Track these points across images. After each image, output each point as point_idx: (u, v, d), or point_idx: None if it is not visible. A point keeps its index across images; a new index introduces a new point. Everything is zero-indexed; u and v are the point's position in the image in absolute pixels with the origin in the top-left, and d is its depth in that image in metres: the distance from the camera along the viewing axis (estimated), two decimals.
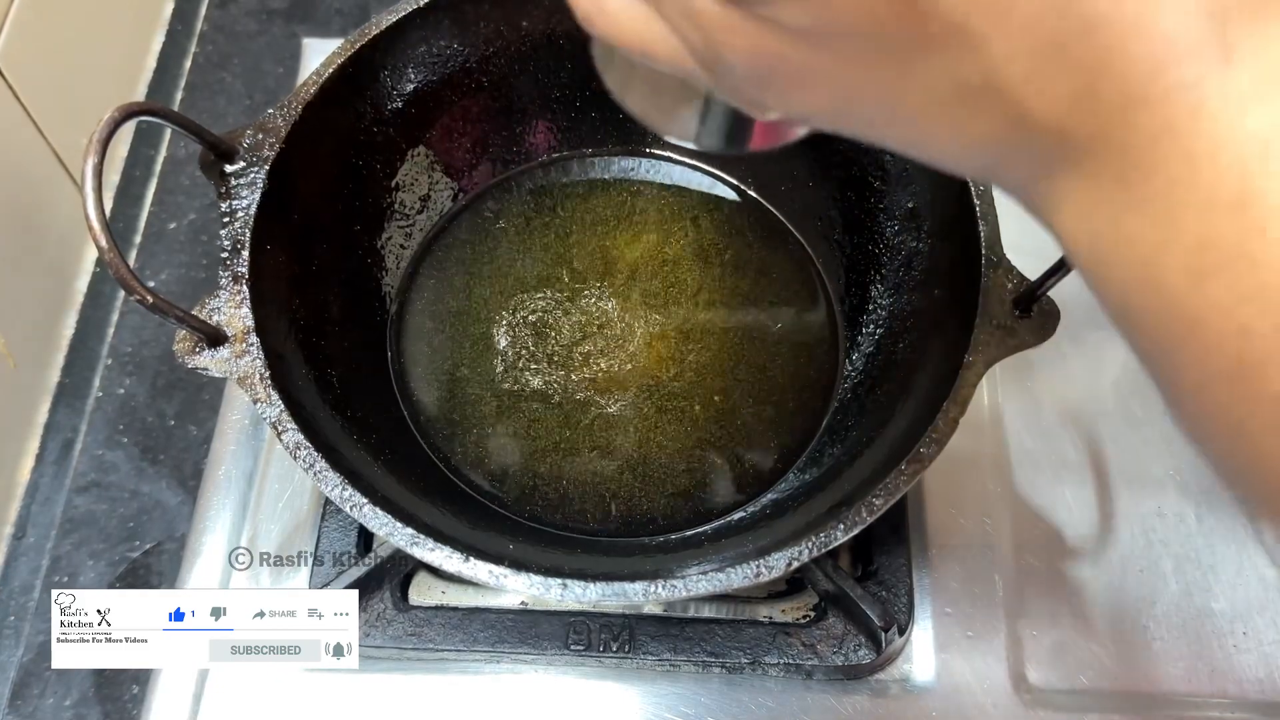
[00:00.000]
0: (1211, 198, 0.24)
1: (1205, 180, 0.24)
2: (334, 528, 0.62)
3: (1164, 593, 0.62)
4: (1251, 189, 0.24)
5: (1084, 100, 0.25)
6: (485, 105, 0.68)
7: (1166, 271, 0.25)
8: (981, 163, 0.29)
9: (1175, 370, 0.27)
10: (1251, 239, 0.24)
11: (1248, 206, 0.24)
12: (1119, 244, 0.26)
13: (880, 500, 0.48)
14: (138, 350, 0.74)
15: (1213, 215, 0.24)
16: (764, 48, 0.27)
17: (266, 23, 0.88)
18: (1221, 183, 0.24)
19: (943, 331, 0.55)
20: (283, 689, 0.60)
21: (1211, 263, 0.24)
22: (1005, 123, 0.26)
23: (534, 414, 0.64)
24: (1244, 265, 0.24)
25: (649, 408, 0.64)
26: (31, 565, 0.67)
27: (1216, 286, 0.24)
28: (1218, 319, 0.25)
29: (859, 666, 0.59)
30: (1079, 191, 0.27)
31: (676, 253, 0.69)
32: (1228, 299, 0.24)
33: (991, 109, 0.26)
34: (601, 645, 0.59)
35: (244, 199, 0.54)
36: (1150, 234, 0.25)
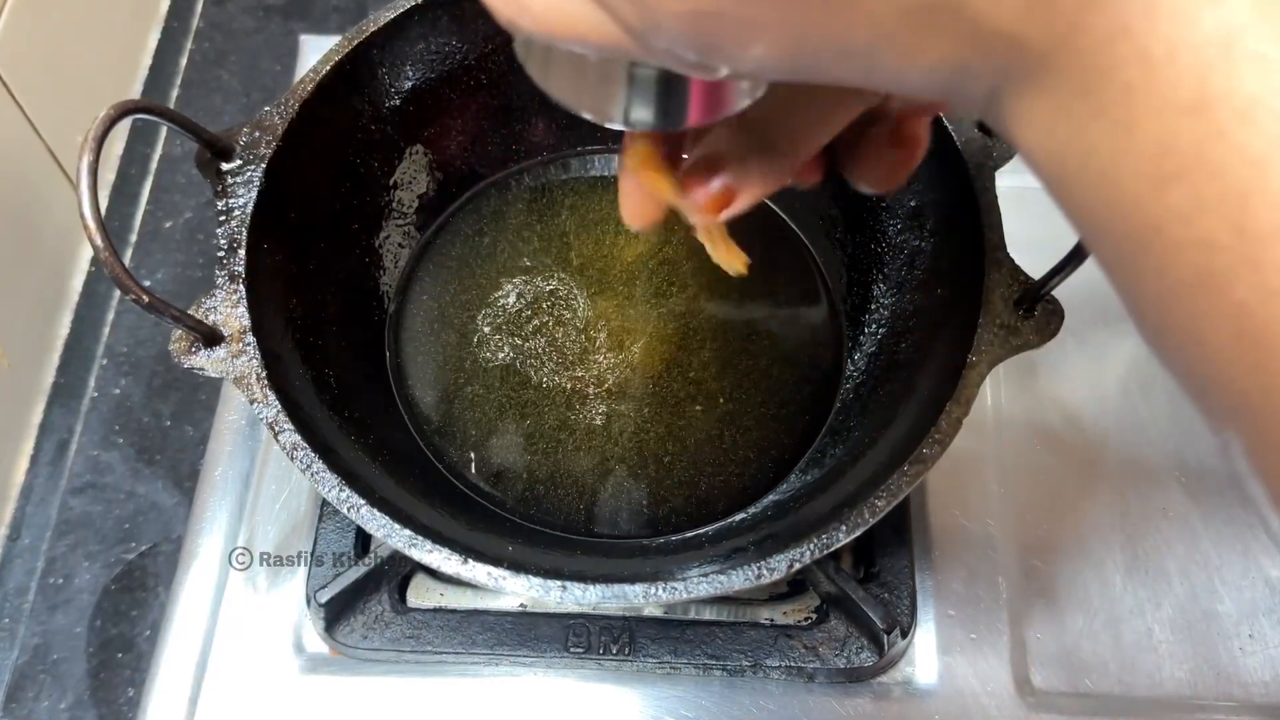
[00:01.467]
0: (1169, 101, 0.23)
1: (1162, 83, 0.23)
2: (331, 529, 0.62)
3: (1169, 595, 0.62)
4: (1210, 91, 0.23)
5: (1037, 6, 0.24)
6: (484, 103, 0.67)
7: (1127, 180, 0.25)
8: (940, 84, 0.28)
9: (1137, 281, 0.27)
10: (1211, 143, 0.23)
11: (1207, 109, 0.23)
12: (1080, 155, 0.26)
13: (882, 501, 0.48)
14: (133, 350, 0.74)
15: (1171, 119, 0.24)
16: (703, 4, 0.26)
17: (263, 20, 0.88)
18: (1179, 85, 0.23)
19: (946, 331, 0.55)
20: (279, 693, 0.60)
21: (1171, 169, 0.24)
22: (960, 39, 0.26)
23: (533, 414, 0.64)
24: (1204, 171, 0.23)
25: (649, 408, 0.64)
26: (26, 567, 0.67)
27: (1176, 194, 0.24)
28: (1178, 228, 0.24)
29: (861, 669, 0.58)
30: (1039, 103, 0.26)
31: (677, 252, 0.69)
32: (1188, 207, 0.24)
33: (945, 27, 0.25)
34: (601, 648, 0.59)
35: (240, 197, 0.54)
36: (1109, 142, 0.25)
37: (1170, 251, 0.25)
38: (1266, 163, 0.23)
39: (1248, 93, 0.23)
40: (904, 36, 0.26)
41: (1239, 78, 0.23)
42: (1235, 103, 0.23)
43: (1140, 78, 0.24)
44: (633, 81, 0.34)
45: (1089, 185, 0.26)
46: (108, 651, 0.64)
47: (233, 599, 0.63)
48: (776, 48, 0.27)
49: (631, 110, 0.35)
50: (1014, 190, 0.54)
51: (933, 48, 0.26)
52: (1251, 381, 0.24)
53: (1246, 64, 0.23)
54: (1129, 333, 0.69)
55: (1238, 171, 0.23)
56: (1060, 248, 0.48)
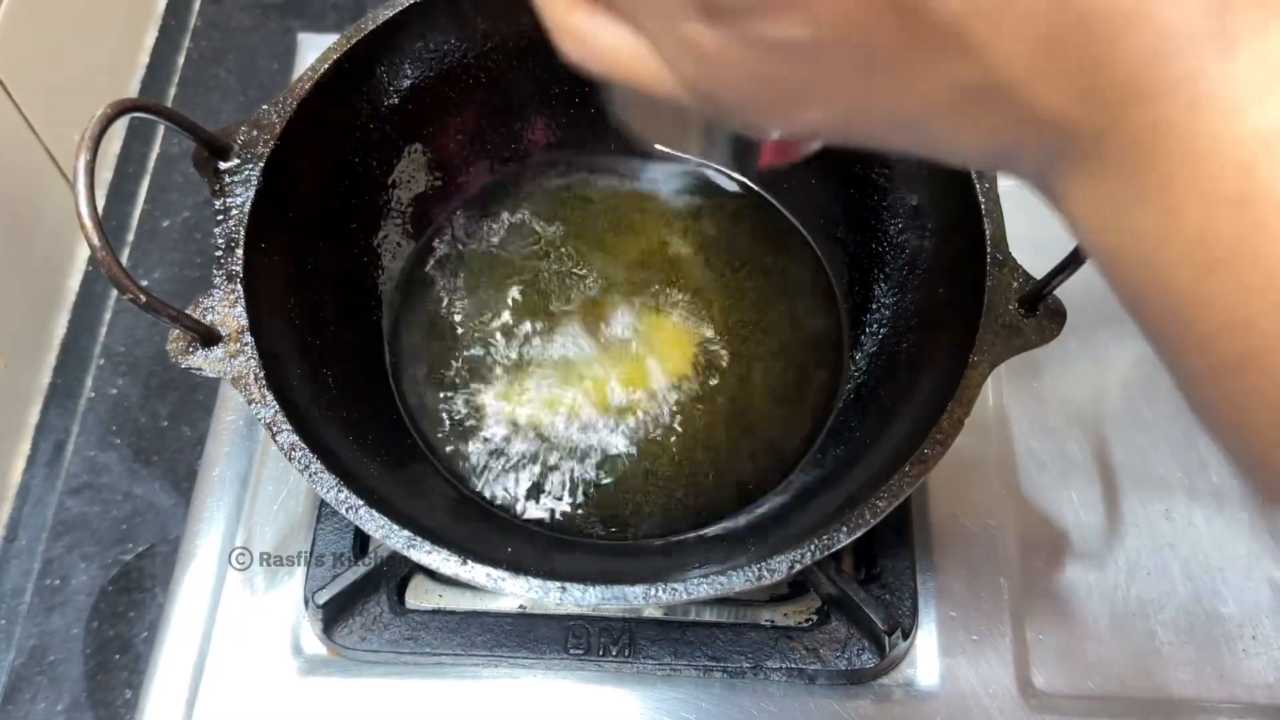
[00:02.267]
0: (1213, 193, 0.24)
1: (1206, 176, 0.24)
2: (329, 530, 0.62)
3: (1172, 596, 0.62)
4: (1253, 186, 0.24)
5: (1085, 96, 0.25)
6: (483, 102, 0.67)
7: (1171, 264, 0.26)
8: (990, 157, 0.29)
9: (1182, 358, 0.27)
10: (1253, 235, 0.24)
11: (1249, 203, 0.24)
12: (1125, 235, 0.27)
13: (884, 502, 0.48)
14: (130, 350, 0.73)
15: (1214, 210, 0.24)
16: (759, 70, 0.27)
17: (261, 18, 0.88)
18: (1222, 179, 0.24)
19: (947, 331, 0.55)
20: (276, 694, 0.60)
21: (1215, 257, 0.25)
22: (1009, 121, 0.26)
23: (533, 414, 0.63)
24: (1246, 260, 0.24)
25: (649, 408, 0.63)
26: (23, 568, 0.66)
27: (1220, 280, 0.25)
28: (1221, 312, 0.25)
29: (862, 671, 0.58)
30: (1085, 184, 0.27)
31: (677, 251, 0.68)
32: (1231, 293, 0.25)
33: (994, 109, 0.26)
34: (601, 649, 0.59)
35: (238, 196, 0.53)
36: (1154, 227, 0.26)
37: (1213, 333, 0.25)
38: None
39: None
40: (957, 113, 0.27)
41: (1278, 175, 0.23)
42: (1277, 198, 0.24)
43: (1183, 170, 0.24)
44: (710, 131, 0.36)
45: (1133, 265, 0.27)
46: (105, 653, 0.64)
47: (230, 600, 0.62)
48: (828, 114, 0.28)
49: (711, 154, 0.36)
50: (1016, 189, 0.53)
51: (984, 126, 0.27)
52: None
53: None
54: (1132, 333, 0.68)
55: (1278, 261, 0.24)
56: (1062, 247, 0.47)
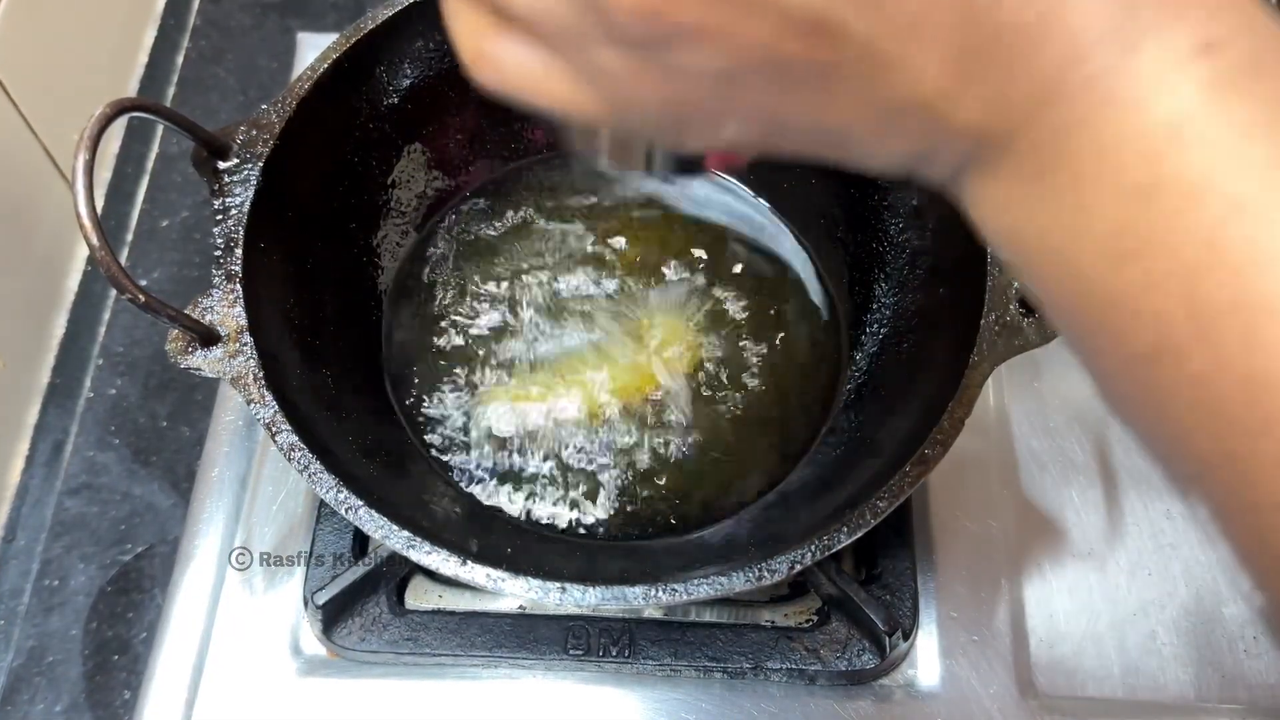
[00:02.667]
0: (1122, 185, 0.25)
1: (1115, 168, 0.25)
2: (329, 530, 0.62)
3: (1173, 597, 0.61)
4: (1161, 175, 0.24)
5: (998, 104, 0.26)
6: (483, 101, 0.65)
7: (1083, 260, 0.26)
8: (905, 164, 0.29)
9: (1097, 354, 0.28)
10: (1162, 224, 0.24)
11: (1158, 193, 0.24)
12: (1038, 235, 0.27)
13: (884, 502, 0.48)
14: (129, 350, 0.73)
15: (1124, 202, 0.25)
16: (675, 93, 0.27)
17: (260, 17, 0.88)
18: (1131, 169, 0.24)
19: (947, 331, 0.55)
20: (276, 695, 0.60)
21: (1124, 249, 0.25)
22: (924, 131, 0.27)
23: (532, 415, 0.63)
24: (1157, 251, 0.25)
25: (649, 409, 0.63)
26: (21, 569, 0.66)
27: (1130, 272, 0.25)
28: (1133, 303, 0.25)
29: (863, 672, 0.58)
30: (998, 185, 0.28)
31: (677, 250, 0.68)
32: (1142, 284, 0.25)
33: (910, 121, 0.27)
34: (601, 650, 0.59)
35: (237, 196, 0.53)
36: (1066, 223, 0.26)
37: (1126, 326, 0.26)
38: (1215, 241, 0.24)
39: (1195, 175, 0.24)
40: (873, 126, 0.27)
41: (1186, 162, 0.24)
42: (1183, 186, 0.24)
43: (1093, 165, 0.25)
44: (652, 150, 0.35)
45: (1047, 263, 0.28)
46: (103, 654, 0.64)
47: (230, 601, 0.62)
48: (747, 131, 0.29)
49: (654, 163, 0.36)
50: None
51: (900, 136, 0.27)
52: (1211, 448, 0.26)
53: (1194, 148, 0.24)
54: None
55: (1188, 250, 0.24)
56: None
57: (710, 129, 0.29)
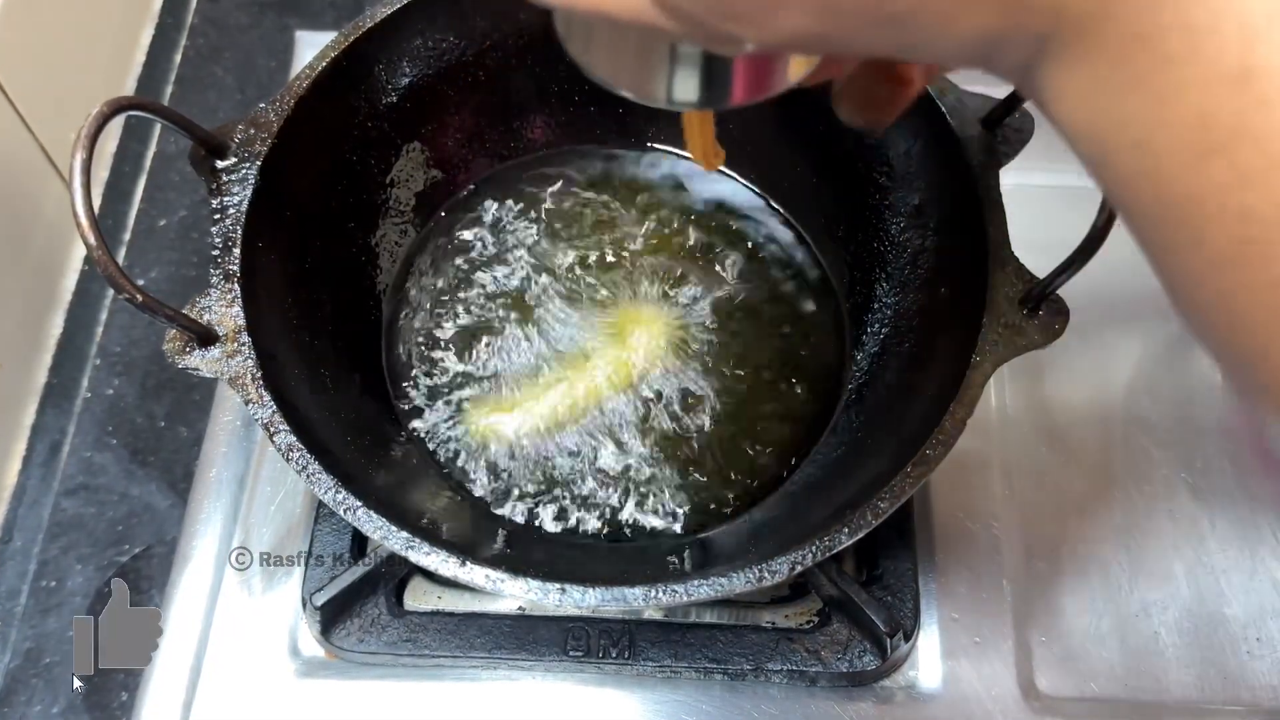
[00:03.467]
0: (1212, 71, 0.23)
1: (1206, 53, 0.23)
2: (327, 531, 0.61)
3: (1176, 598, 0.61)
4: (1254, 61, 0.23)
5: None
6: (482, 100, 0.67)
7: (1166, 151, 0.25)
8: (976, 54, 0.28)
9: (1175, 256, 0.26)
10: (1254, 114, 0.23)
11: (1251, 80, 0.23)
12: (1119, 125, 0.26)
13: (885, 503, 0.47)
14: (127, 350, 0.73)
15: (1214, 90, 0.23)
16: None
17: (258, 15, 0.87)
18: (1223, 55, 0.23)
19: (949, 331, 0.54)
20: (273, 696, 0.60)
21: (1212, 141, 0.24)
22: (999, 7, 0.25)
23: (532, 415, 0.63)
24: (1246, 143, 0.23)
25: (649, 408, 0.63)
26: (18, 570, 0.66)
27: (1217, 166, 0.24)
28: (1218, 200, 0.24)
29: (864, 673, 0.58)
30: (1077, 73, 0.26)
31: (677, 250, 0.68)
32: (1228, 179, 0.24)
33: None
34: (601, 651, 0.58)
35: (235, 195, 0.53)
36: (1150, 112, 0.25)
37: (1209, 224, 0.24)
38: None
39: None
40: (942, 4, 0.26)
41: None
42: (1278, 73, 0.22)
43: (1182, 47, 0.23)
44: (675, 60, 0.34)
45: (1126, 157, 0.26)
46: None
47: (227, 602, 0.62)
48: (807, 16, 0.27)
49: (675, 90, 0.34)
50: (1018, 188, 0.53)
51: (971, 16, 0.26)
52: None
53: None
54: (1135, 332, 0.69)
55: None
56: (1065, 246, 0.47)
57: (769, 16, 0.27)
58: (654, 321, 0.65)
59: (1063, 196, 0.48)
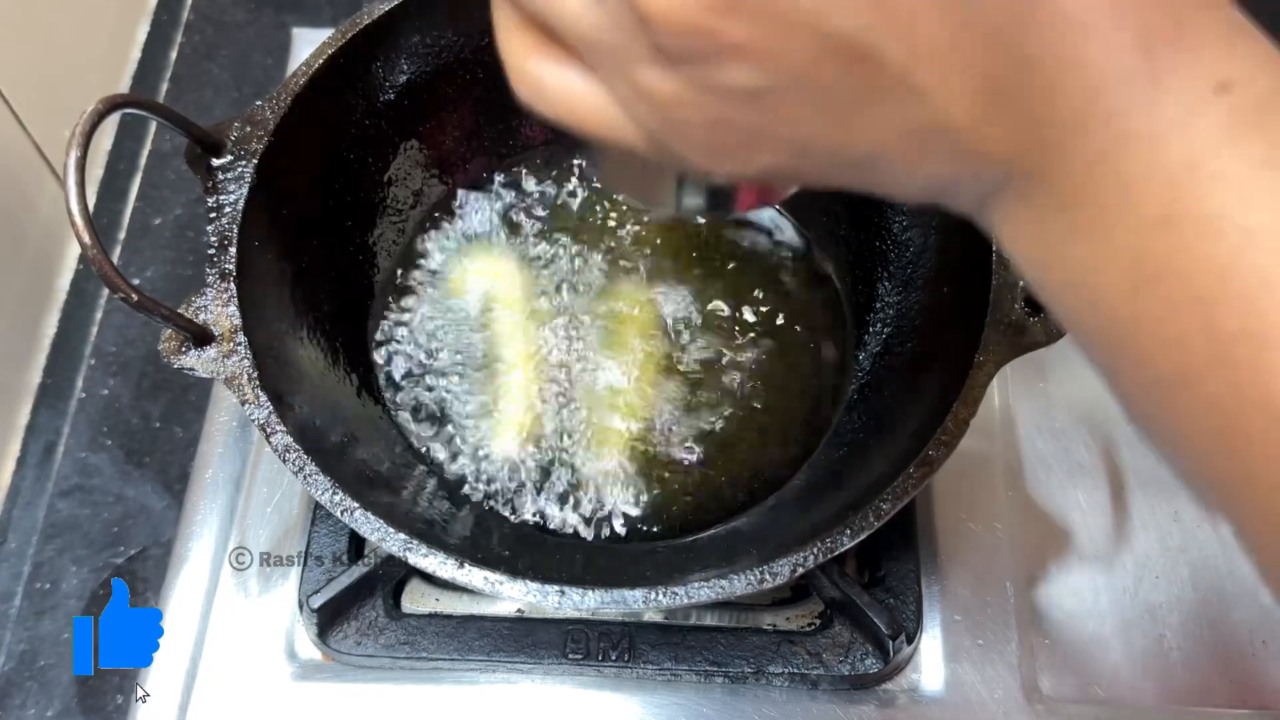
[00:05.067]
0: (1141, 217, 0.26)
1: (1135, 202, 0.26)
2: (324, 532, 0.61)
3: (1180, 600, 0.61)
4: (1178, 209, 0.26)
5: (1025, 134, 0.27)
6: (480, 98, 0.66)
7: (1104, 286, 0.28)
8: (933, 193, 0.30)
9: (1120, 377, 0.29)
10: (1180, 254, 0.26)
11: (1176, 224, 0.26)
12: (1062, 261, 0.29)
13: (888, 504, 0.47)
14: (122, 350, 0.72)
15: (1144, 233, 0.26)
16: (712, 115, 0.28)
17: (255, 12, 0.87)
18: (1150, 203, 0.26)
19: (952, 330, 0.54)
20: (270, 700, 0.59)
21: (1144, 276, 0.26)
22: (952, 159, 0.28)
23: (531, 415, 0.63)
24: (1174, 279, 0.26)
25: (649, 409, 0.63)
26: (12, 571, 0.65)
27: (1150, 298, 0.27)
28: (1152, 328, 0.27)
29: (866, 676, 0.58)
30: (1024, 215, 0.29)
31: (677, 249, 0.68)
32: (1160, 310, 0.27)
33: (939, 148, 0.28)
34: (600, 654, 0.58)
35: (231, 194, 0.53)
36: (1089, 253, 0.28)
37: (1146, 350, 0.27)
38: (1229, 271, 0.25)
39: (1211, 209, 0.25)
40: (903, 153, 0.28)
41: (1203, 196, 0.25)
42: (1199, 217, 0.25)
43: (1115, 197, 0.26)
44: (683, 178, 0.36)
45: (1070, 288, 0.29)
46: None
47: (224, 604, 0.62)
48: (780, 158, 0.29)
49: (684, 202, 0.36)
50: None
51: (929, 164, 0.28)
52: (1231, 469, 0.27)
53: (1210, 183, 0.25)
54: None
55: (1204, 279, 0.25)
56: None
57: (744, 154, 0.29)
58: (652, 322, 0.65)
59: None
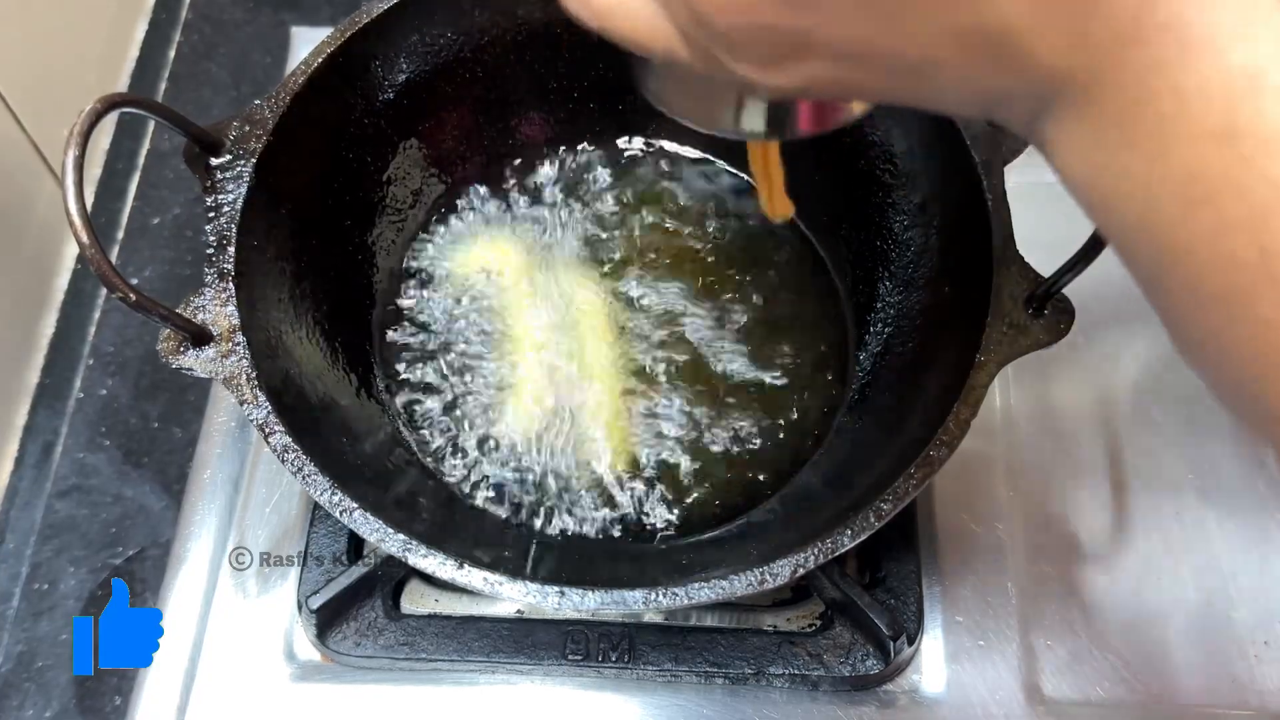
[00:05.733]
0: (1200, 131, 0.26)
1: (1193, 114, 0.26)
2: (323, 533, 0.61)
3: (1183, 601, 0.61)
4: (1238, 121, 0.25)
5: (1079, 42, 0.26)
6: (479, 96, 0.66)
7: (1158, 203, 0.27)
8: (984, 106, 0.30)
9: (1169, 297, 0.29)
10: (1238, 169, 0.25)
11: (1234, 138, 0.25)
12: (1114, 178, 0.28)
13: (889, 505, 0.47)
14: (120, 350, 0.72)
15: (1201, 147, 0.26)
16: (757, 17, 0.28)
17: (254, 11, 0.87)
18: (1209, 116, 0.25)
19: (953, 330, 0.54)
20: (269, 701, 0.59)
21: (1200, 193, 0.26)
22: (1006, 67, 0.28)
23: (529, 415, 0.62)
24: (1231, 194, 0.25)
25: (649, 409, 0.62)
26: (10, 572, 0.65)
27: (1205, 216, 0.26)
28: (1206, 247, 0.26)
29: (867, 677, 0.58)
30: (1077, 129, 0.28)
31: (678, 248, 0.68)
32: (1216, 228, 0.26)
33: (993, 55, 0.27)
34: (600, 655, 0.58)
35: (230, 193, 0.53)
36: (1143, 168, 0.27)
37: (1199, 269, 0.27)
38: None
39: (1272, 122, 0.25)
40: (955, 60, 0.28)
41: (1264, 110, 0.25)
42: (1260, 132, 0.25)
43: (1173, 108, 0.26)
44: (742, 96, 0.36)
45: (1122, 206, 0.28)
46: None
47: (222, 605, 0.62)
48: (828, 67, 0.29)
49: (743, 122, 0.36)
50: (1024, 186, 0.53)
51: (981, 73, 0.28)
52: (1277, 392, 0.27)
53: (1271, 96, 0.25)
54: (1141, 333, 0.68)
55: (1262, 194, 0.25)
56: (1071, 245, 0.47)
57: (794, 64, 0.29)
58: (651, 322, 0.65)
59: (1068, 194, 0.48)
